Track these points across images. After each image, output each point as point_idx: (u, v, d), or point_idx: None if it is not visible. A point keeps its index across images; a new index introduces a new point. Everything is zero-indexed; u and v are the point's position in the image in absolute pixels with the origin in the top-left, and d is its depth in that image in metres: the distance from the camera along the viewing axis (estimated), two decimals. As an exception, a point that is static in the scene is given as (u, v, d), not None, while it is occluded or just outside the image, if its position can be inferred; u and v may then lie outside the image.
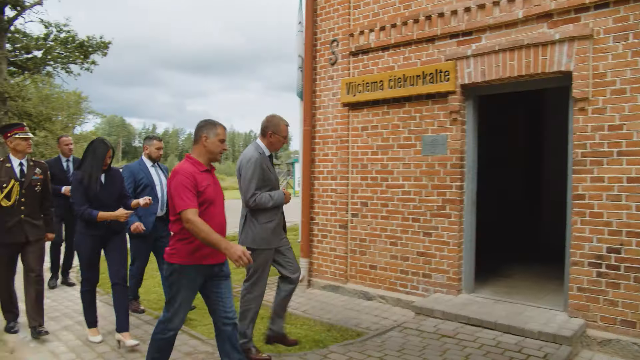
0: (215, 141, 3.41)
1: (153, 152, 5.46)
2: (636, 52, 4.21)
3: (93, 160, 4.40)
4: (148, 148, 5.46)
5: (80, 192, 4.33)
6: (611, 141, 4.35)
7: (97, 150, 4.44)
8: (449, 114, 5.36)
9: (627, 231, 4.26)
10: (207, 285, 3.43)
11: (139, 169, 5.35)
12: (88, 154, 4.45)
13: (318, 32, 6.72)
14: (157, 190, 5.35)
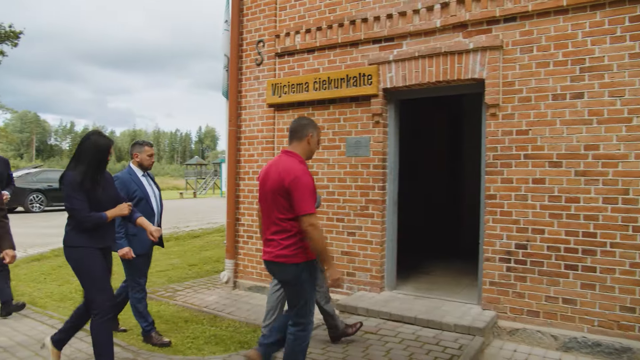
0: (316, 141, 3.42)
1: (145, 159, 4.71)
2: (539, 64, 4.57)
3: (94, 158, 3.67)
4: (139, 155, 4.69)
5: (81, 196, 3.56)
6: (519, 145, 4.68)
7: (99, 146, 3.70)
8: (372, 117, 5.53)
9: (533, 228, 4.61)
10: None
11: (130, 179, 4.60)
12: (86, 151, 3.67)
13: (244, 31, 6.68)
14: (152, 203, 4.68)
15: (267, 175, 3.29)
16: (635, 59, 4.17)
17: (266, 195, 3.27)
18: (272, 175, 3.23)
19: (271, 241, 3.25)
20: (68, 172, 3.63)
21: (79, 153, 3.70)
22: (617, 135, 4.25)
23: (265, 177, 3.32)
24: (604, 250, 4.31)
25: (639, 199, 4.17)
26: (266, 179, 3.29)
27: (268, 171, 3.33)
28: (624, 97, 4.22)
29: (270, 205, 3.24)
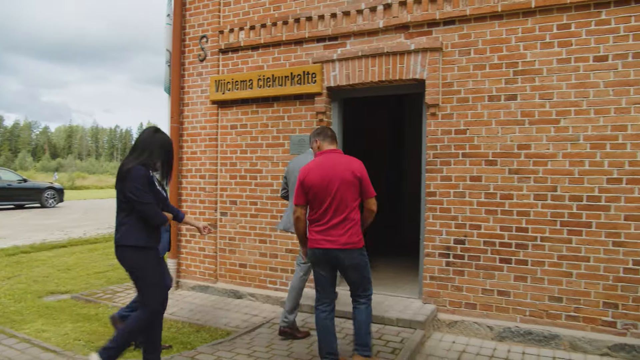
0: None
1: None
2: (476, 66, 4.75)
3: (167, 156, 3.62)
4: None
5: (149, 193, 3.43)
6: (457, 144, 4.85)
7: (168, 144, 3.64)
8: (316, 115, 5.56)
9: (470, 224, 4.80)
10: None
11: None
12: (152, 147, 3.53)
13: (187, 26, 6.53)
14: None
15: (328, 172, 3.53)
16: (563, 64, 4.43)
17: (332, 189, 3.51)
18: (344, 171, 3.53)
19: (336, 230, 3.51)
20: (138, 167, 3.42)
21: (145, 150, 3.52)
22: (546, 135, 4.50)
23: (325, 174, 3.53)
24: (534, 244, 4.55)
25: (566, 196, 4.43)
26: (327, 176, 3.52)
27: (328, 168, 3.56)
28: (553, 99, 4.47)
29: (338, 197, 3.51)
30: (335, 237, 3.50)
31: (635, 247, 4.20)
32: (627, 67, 4.22)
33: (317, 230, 3.57)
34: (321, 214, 3.55)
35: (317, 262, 3.63)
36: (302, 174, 3.61)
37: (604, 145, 4.31)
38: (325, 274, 3.66)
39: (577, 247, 4.40)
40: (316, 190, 3.54)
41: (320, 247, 3.54)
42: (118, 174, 3.47)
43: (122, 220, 3.47)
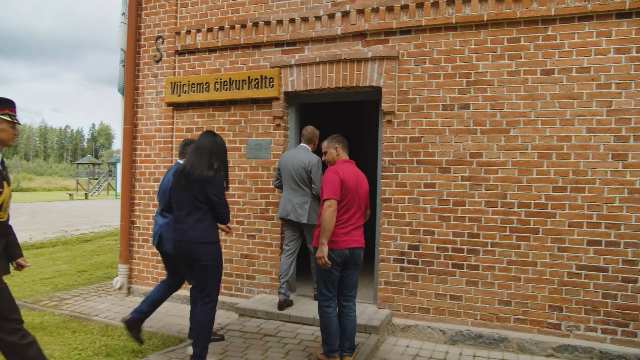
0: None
1: None
2: (431, 75, 4.87)
3: (225, 156, 3.90)
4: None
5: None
6: (412, 151, 4.94)
7: (225, 147, 3.92)
8: (273, 120, 5.55)
9: (424, 230, 4.89)
10: None
11: None
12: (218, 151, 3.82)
13: (142, 26, 6.39)
14: None
15: (357, 179, 3.90)
16: (512, 76, 4.59)
17: (358, 195, 3.88)
18: (363, 180, 3.97)
19: (359, 231, 3.90)
20: (219, 174, 3.75)
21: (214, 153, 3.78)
22: (497, 144, 4.65)
23: (356, 180, 3.89)
24: (485, 249, 4.68)
25: (515, 203, 4.58)
26: (357, 183, 3.88)
27: (356, 176, 3.91)
28: (503, 109, 4.63)
29: (360, 203, 3.90)
30: (358, 237, 3.88)
31: (578, 252, 4.39)
32: (571, 80, 4.43)
33: (343, 231, 3.80)
34: (349, 217, 3.84)
35: (340, 262, 3.81)
36: (342, 174, 3.80)
37: (550, 155, 4.49)
38: (339, 274, 3.86)
39: (525, 252, 4.56)
40: (351, 194, 3.83)
41: (349, 247, 3.79)
42: (193, 177, 3.69)
43: (199, 218, 3.74)
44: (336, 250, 3.75)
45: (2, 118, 3.08)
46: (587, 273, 4.37)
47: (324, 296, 3.89)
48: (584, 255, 4.39)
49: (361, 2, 5.13)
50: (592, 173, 4.38)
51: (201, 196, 3.69)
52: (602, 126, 4.35)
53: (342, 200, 3.76)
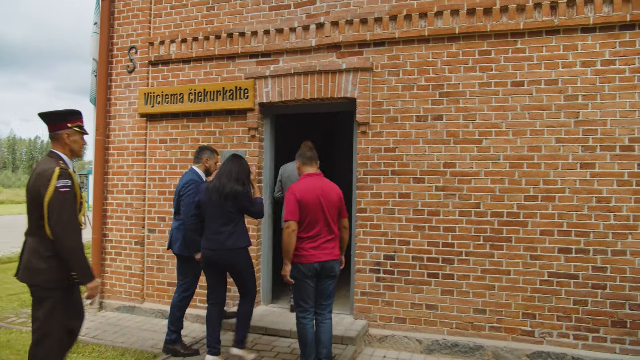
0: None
1: (212, 166, 4.81)
2: (405, 87, 4.93)
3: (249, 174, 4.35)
4: (209, 160, 4.76)
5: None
6: (386, 161, 4.98)
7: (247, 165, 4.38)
8: (248, 131, 5.52)
9: (399, 240, 4.92)
10: None
11: (201, 184, 4.52)
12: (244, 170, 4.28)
13: (115, 36, 6.31)
14: None
15: (320, 193, 3.87)
16: (484, 87, 4.69)
17: (322, 209, 3.86)
18: (329, 192, 3.92)
19: (330, 244, 3.91)
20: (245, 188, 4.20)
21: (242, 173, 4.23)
22: (470, 154, 4.72)
23: (318, 194, 3.86)
24: (460, 258, 4.73)
25: (488, 212, 4.65)
26: (320, 196, 3.86)
27: (320, 189, 3.89)
28: (475, 120, 4.71)
29: (328, 216, 3.88)
30: (329, 250, 3.90)
31: (550, 260, 4.48)
32: (540, 92, 4.54)
33: (312, 246, 3.85)
34: (317, 231, 3.86)
35: (312, 275, 3.86)
36: (299, 194, 3.82)
37: (521, 165, 4.58)
38: (314, 285, 3.91)
39: (499, 260, 4.62)
40: (313, 210, 3.83)
41: (318, 261, 3.83)
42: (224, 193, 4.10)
43: (232, 228, 4.17)
44: (305, 264, 3.82)
45: (75, 129, 3.17)
46: (558, 280, 4.46)
47: (301, 307, 3.92)
48: (555, 262, 4.47)
49: (335, 14, 5.18)
50: (561, 182, 4.48)
51: (233, 209, 4.15)
52: (570, 136, 4.47)
53: (304, 219, 3.83)
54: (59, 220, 2.93)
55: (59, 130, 3.13)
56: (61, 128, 3.14)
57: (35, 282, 2.98)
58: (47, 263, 2.96)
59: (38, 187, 2.97)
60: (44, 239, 2.98)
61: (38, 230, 3.00)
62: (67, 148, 3.18)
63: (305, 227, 3.84)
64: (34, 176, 3.04)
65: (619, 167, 4.35)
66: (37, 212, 2.99)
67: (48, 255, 2.97)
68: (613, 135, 4.37)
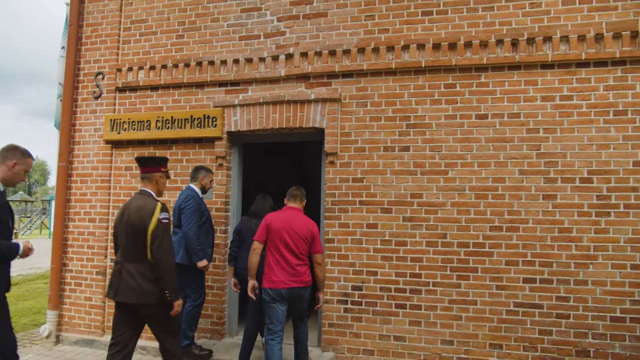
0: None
1: (208, 184, 5.14)
2: (373, 118, 4.99)
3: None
4: (204, 179, 5.08)
5: None
6: (354, 192, 5.00)
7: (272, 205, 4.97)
8: (215, 159, 5.47)
9: (367, 270, 4.90)
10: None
11: (200, 200, 5.00)
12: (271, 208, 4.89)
13: (82, 61, 6.22)
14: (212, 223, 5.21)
15: (288, 222, 4.20)
16: (450, 120, 4.78)
17: (285, 237, 4.14)
18: (301, 226, 4.20)
19: (296, 271, 4.14)
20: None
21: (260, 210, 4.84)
22: (436, 185, 4.78)
23: (285, 223, 4.19)
24: (427, 289, 4.73)
25: (455, 242, 4.69)
26: (286, 225, 4.18)
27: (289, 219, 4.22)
28: (441, 152, 4.79)
29: (295, 246, 4.14)
30: (298, 277, 4.13)
31: (515, 290, 4.52)
32: (504, 125, 4.66)
33: (280, 272, 4.12)
34: (284, 258, 4.14)
35: (280, 300, 4.12)
36: (269, 220, 4.22)
37: (486, 196, 4.66)
38: (283, 309, 4.16)
39: (466, 291, 4.64)
40: (279, 236, 4.14)
41: (285, 287, 4.09)
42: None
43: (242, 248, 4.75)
44: (274, 289, 4.09)
45: (164, 173, 3.82)
46: (524, 310, 4.50)
47: (270, 331, 4.14)
48: (520, 292, 4.52)
49: (304, 45, 5.24)
50: (525, 213, 4.56)
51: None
52: (533, 168, 4.58)
53: (269, 242, 4.19)
54: (160, 245, 3.46)
55: (153, 173, 3.74)
56: (155, 171, 3.75)
57: (147, 302, 3.46)
58: (155, 285, 3.46)
59: (142, 219, 3.47)
60: (147, 263, 3.48)
61: (140, 257, 3.49)
62: (156, 187, 3.77)
63: (273, 251, 4.16)
64: (133, 210, 3.53)
65: (579, 198, 4.47)
66: (139, 240, 3.47)
67: (155, 277, 3.47)
68: (573, 167, 4.50)
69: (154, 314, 3.55)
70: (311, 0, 5.30)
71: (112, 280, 3.59)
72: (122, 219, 3.59)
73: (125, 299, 3.49)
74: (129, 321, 3.61)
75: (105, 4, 6.17)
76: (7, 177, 3.47)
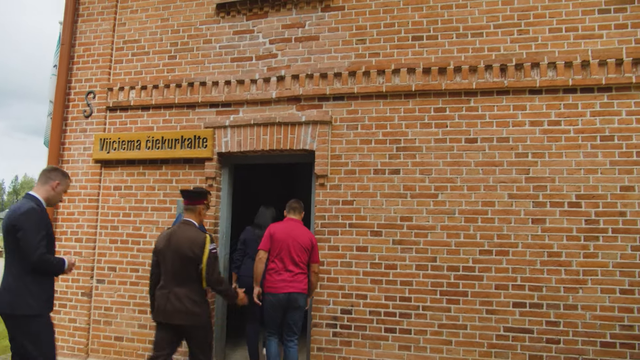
0: None
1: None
2: (363, 141, 5.01)
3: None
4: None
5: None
6: (344, 214, 4.98)
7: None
8: (205, 180, 5.45)
9: (356, 294, 4.85)
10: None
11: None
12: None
13: (74, 80, 6.20)
14: None
15: (291, 233, 4.60)
16: (439, 143, 4.81)
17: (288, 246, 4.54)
18: (302, 236, 4.61)
19: (294, 279, 4.50)
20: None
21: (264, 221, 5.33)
22: (426, 208, 4.78)
23: (288, 233, 4.59)
24: (417, 313, 4.70)
25: (444, 266, 4.68)
26: (289, 235, 4.58)
27: (291, 229, 4.64)
28: (431, 175, 4.80)
29: (294, 254, 4.53)
30: (296, 284, 4.48)
31: (505, 315, 4.50)
32: (493, 149, 4.69)
33: (281, 278, 4.49)
34: (285, 265, 4.51)
35: (279, 305, 4.50)
36: (273, 230, 4.62)
37: (476, 219, 4.66)
38: (280, 314, 4.54)
39: (456, 315, 4.61)
40: (282, 245, 4.53)
41: (284, 292, 4.45)
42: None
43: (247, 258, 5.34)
44: (274, 294, 4.48)
45: (205, 205, 4.16)
46: (514, 335, 4.47)
47: (268, 332, 4.65)
48: (510, 317, 4.50)
49: (296, 68, 5.28)
50: (514, 237, 4.57)
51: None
52: (522, 192, 4.60)
53: (274, 251, 4.56)
54: (213, 274, 3.88)
55: (198, 205, 4.06)
56: (199, 203, 4.06)
57: (191, 323, 3.78)
58: (200, 307, 3.84)
59: (194, 250, 3.79)
60: (195, 289, 3.83)
61: (189, 282, 3.82)
62: (198, 218, 4.07)
63: (275, 259, 4.55)
64: (183, 241, 3.83)
65: (568, 222, 4.49)
66: (189, 267, 3.80)
67: (202, 301, 3.88)
68: (561, 192, 4.53)
69: (195, 334, 3.87)
70: (303, 24, 5.36)
71: (158, 303, 3.84)
72: (168, 246, 3.87)
73: (172, 320, 3.78)
74: (170, 341, 3.90)
75: (99, 24, 6.19)
76: (50, 197, 3.68)
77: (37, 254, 3.36)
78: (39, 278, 3.46)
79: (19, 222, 3.35)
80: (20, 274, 3.41)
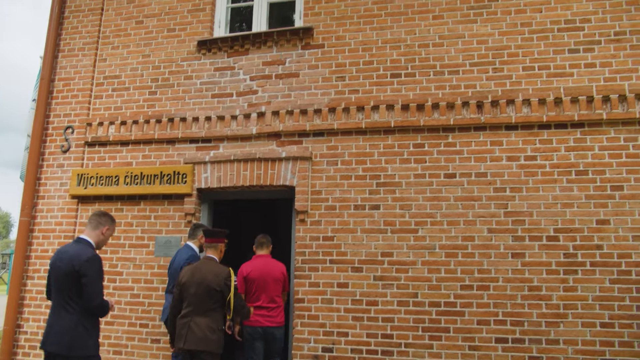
0: None
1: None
2: (343, 176, 5.03)
3: None
4: (203, 237, 4.71)
5: None
6: (325, 250, 4.95)
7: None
8: (184, 216, 5.38)
9: (338, 331, 4.78)
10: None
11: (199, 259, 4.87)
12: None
13: (52, 115, 6.15)
14: None
15: (265, 269, 4.73)
16: (419, 178, 4.85)
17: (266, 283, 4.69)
18: (274, 270, 4.75)
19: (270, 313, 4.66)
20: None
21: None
22: (407, 244, 4.78)
23: (262, 271, 4.72)
24: (399, 350, 4.62)
25: (426, 302, 4.64)
26: (264, 272, 4.71)
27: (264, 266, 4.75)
28: (411, 210, 4.82)
29: (272, 289, 4.69)
30: (272, 318, 4.64)
31: (488, 351, 4.46)
32: (471, 184, 4.74)
33: (258, 313, 4.63)
34: (261, 302, 4.65)
35: (258, 337, 4.64)
36: (245, 272, 4.74)
37: (456, 254, 4.67)
38: (260, 345, 4.66)
39: (438, 352, 4.55)
40: (257, 284, 4.67)
41: (261, 325, 4.61)
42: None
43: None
44: (252, 327, 4.62)
45: (225, 244, 4.41)
46: (497, 372, 4.42)
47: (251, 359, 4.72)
48: (493, 353, 4.45)
49: (276, 104, 5.32)
50: (495, 272, 4.58)
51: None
52: (501, 227, 4.64)
53: (250, 291, 4.71)
54: (241, 301, 4.26)
55: (219, 243, 4.31)
56: (221, 242, 4.33)
57: (208, 349, 3.96)
58: (217, 335, 4.02)
59: (219, 283, 4.01)
60: (215, 318, 4.05)
61: (210, 312, 4.02)
62: (219, 254, 4.30)
63: (252, 297, 4.68)
64: (209, 275, 4.04)
65: (547, 256, 4.52)
66: (212, 299, 4.01)
67: (219, 329, 4.06)
68: (539, 225, 4.57)
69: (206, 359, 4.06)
70: (284, 61, 5.44)
71: (180, 331, 4.04)
72: (192, 280, 4.08)
73: (192, 347, 3.98)
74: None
75: (79, 60, 6.19)
76: (99, 242, 3.86)
77: (99, 299, 3.56)
78: (94, 320, 3.63)
79: (82, 269, 3.48)
80: (80, 316, 3.52)
